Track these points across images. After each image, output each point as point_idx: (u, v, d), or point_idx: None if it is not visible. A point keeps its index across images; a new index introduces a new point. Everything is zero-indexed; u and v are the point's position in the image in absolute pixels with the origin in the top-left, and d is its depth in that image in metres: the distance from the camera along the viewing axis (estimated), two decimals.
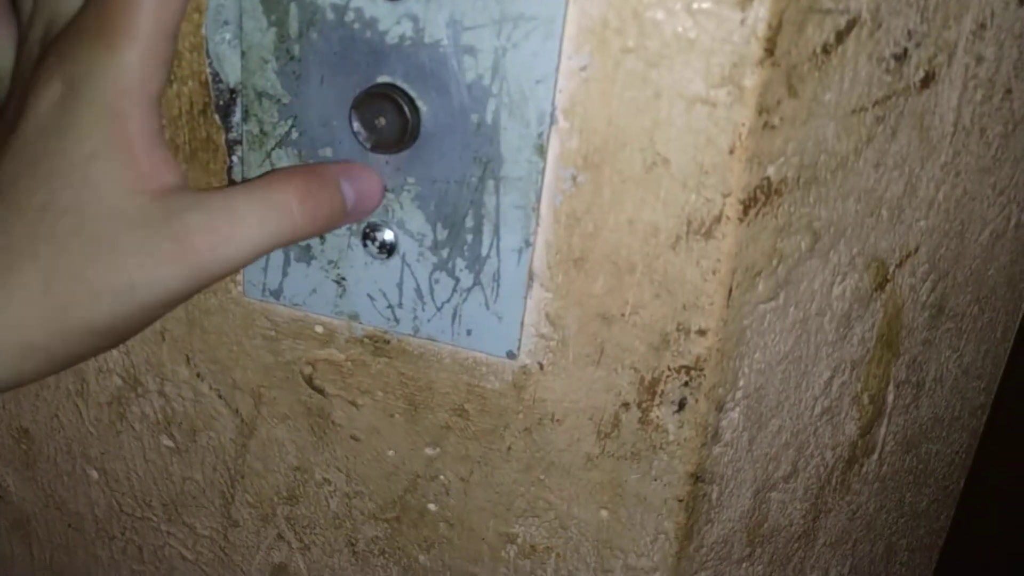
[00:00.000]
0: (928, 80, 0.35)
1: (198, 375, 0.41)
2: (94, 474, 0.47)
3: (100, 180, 0.27)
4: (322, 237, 0.34)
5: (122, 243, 0.27)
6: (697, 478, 0.35)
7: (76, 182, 0.27)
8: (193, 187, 0.29)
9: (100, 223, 0.27)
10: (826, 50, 0.29)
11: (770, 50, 0.27)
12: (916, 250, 0.40)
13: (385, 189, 0.32)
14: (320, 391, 0.39)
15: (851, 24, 0.30)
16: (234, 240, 0.28)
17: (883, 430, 0.47)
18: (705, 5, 0.27)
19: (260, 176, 0.30)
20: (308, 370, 0.38)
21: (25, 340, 0.27)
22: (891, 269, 0.40)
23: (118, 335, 0.29)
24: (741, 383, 0.35)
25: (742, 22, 0.27)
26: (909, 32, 0.32)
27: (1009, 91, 0.40)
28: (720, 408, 0.34)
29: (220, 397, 0.41)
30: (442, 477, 0.39)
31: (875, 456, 0.47)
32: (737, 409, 0.35)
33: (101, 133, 0.27)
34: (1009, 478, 0.70)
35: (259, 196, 0.28)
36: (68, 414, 0.45)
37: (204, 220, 0.27)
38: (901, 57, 0.33)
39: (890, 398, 0.45)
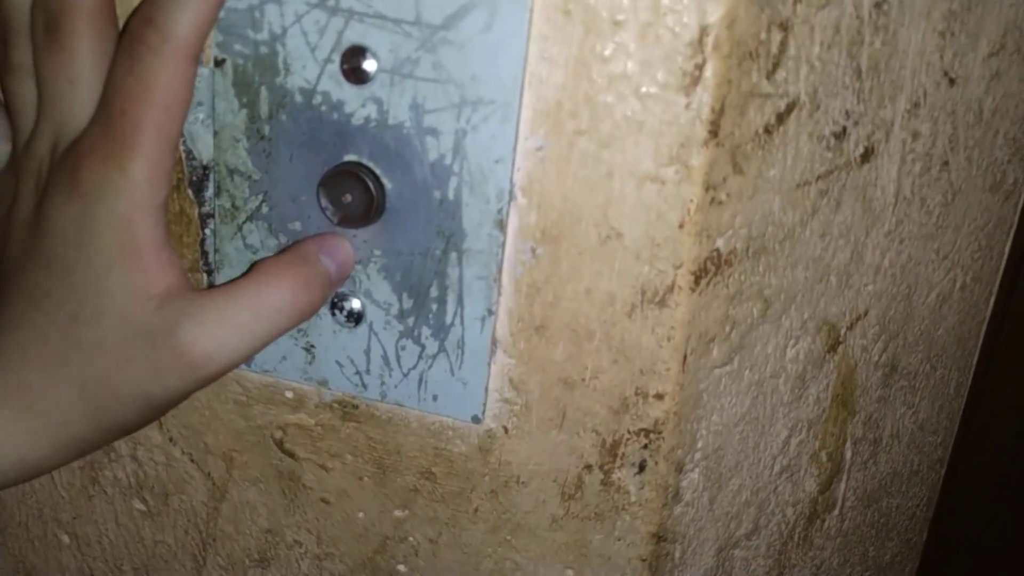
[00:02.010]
0: (868, 155, 0.37)
1: (171, 439, 0.41)
2: (65, 539, 0.47)
3: (115, 290, 0.29)
4: None
5: (133, 355, 0.30)
6: (659, 538, 0.36)
7: (96, 293, 0.30)
8: (190, 286, 0.31)
9: (115, 334, 0.30)
10: (768, 130, 0.31)
11: (714, 132, 0.29)
12: (866, 313, 0.42)
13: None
14: (291, 455, 0.39)
15: (790, 106, 0.32)
16: (228, 347, 0.30)
17: (843, 486, 0.48)
18: (652, 90, 0.29)
19: (250, 273, 0.31)
20: (279, 434, 0.39)
21: (68, 438, 0.31)
22: (842, 332, 0.41)
23: (145, 425, 0.32)
24: (700, 444, 0.36)
25: (687, 106, 0.29)
26: (847, 112, 0.34)
27: (946, 163, 0.42)
28: (680, 469, 0.35)
29: (192, 461, 0.42)
30: (411, 539, 0.39)
31: (836, 511, 0.49)
32: (697, 470, 0.36)
33: (116, 244, 0.29)
34: (971, 529, 0.71)
35: (250, 299, 0.30)
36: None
37: (200, 333, 0.30)
38: (840, 135, 0.35)
39: (848, 455, 0.47)
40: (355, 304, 0.35)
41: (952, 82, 0.40)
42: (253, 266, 0.32)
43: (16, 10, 0.31)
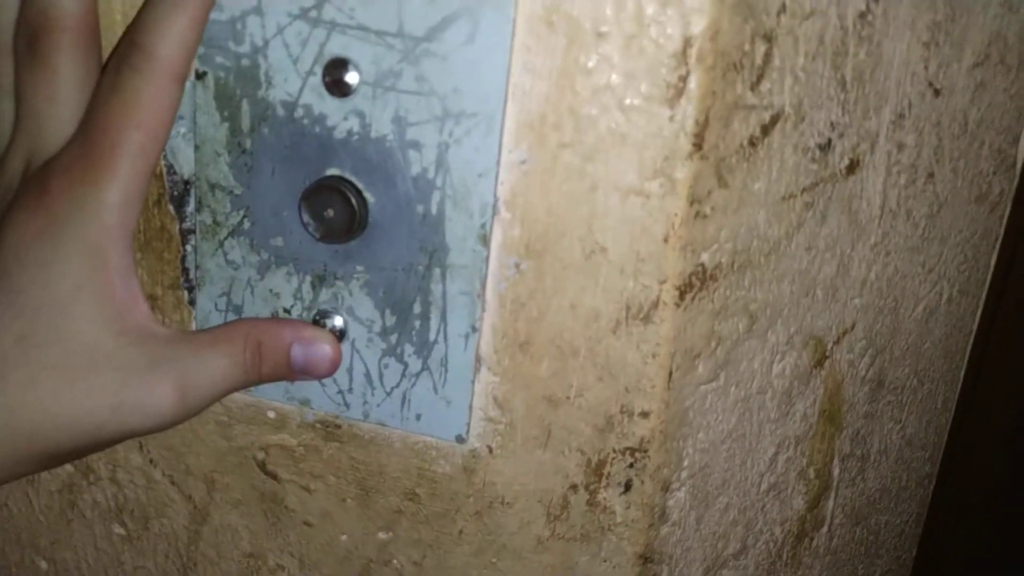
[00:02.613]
0: (853, 167, 0.37)
1: (151, 461, 0.41)
2: (43, 564, 0.46)
3: (81, 316, 0.29)
4: None
5: (98, 382, 0.29)
6: (646, 559, 0.36)
7: (58, 316, 0.28)
8: (155, 320, 0.31)
9: (78, 358, 0.29)
10: (753, 143, 0.31)
11: (699, 144, 0.29)
12: (852, 327, 0.42)
13: (340, 359, 0.34)
14: (273, 476, 0.39)
15: (775, 118, 0.31)
16: (199, 393, 0.30)
17: (831, 503, 0.47)
18: (636, 102, 0.29)
19: (224, 327, 0.32)
20: (261, 455, 0.39)
21: (19, 433, 0.29)
22: (829, 346, 0.41)
23: (73, 458, 0.31)
24: (686, 463, 0.35)
25: (671, 118, 0.28)
26: (832, 123, 0.34)
27: (932, 175, 0.42)
28: (666, 488, 0.35)
29: (173, 483, 0.41)
30: (395, 561, 0.39)
31: (825, 529, 0.48)
32: (683, 489, 0.36)
33: (83, 270, 0.29)
34: (961, 545, 0.71)
35: (224, 351, 0.31)
36: (18, 503, 0.45)
37: (176, 374, 0.30)
38: (825, 147, 0.34)
39: (836, 471, 0.46)
40: (337, 321, 0.34)
41: (937, 93, 0.40)
42: (230, 325, 0.32)
43: None
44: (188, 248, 0.35)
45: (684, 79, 0.28)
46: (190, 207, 0.35)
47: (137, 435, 0.30)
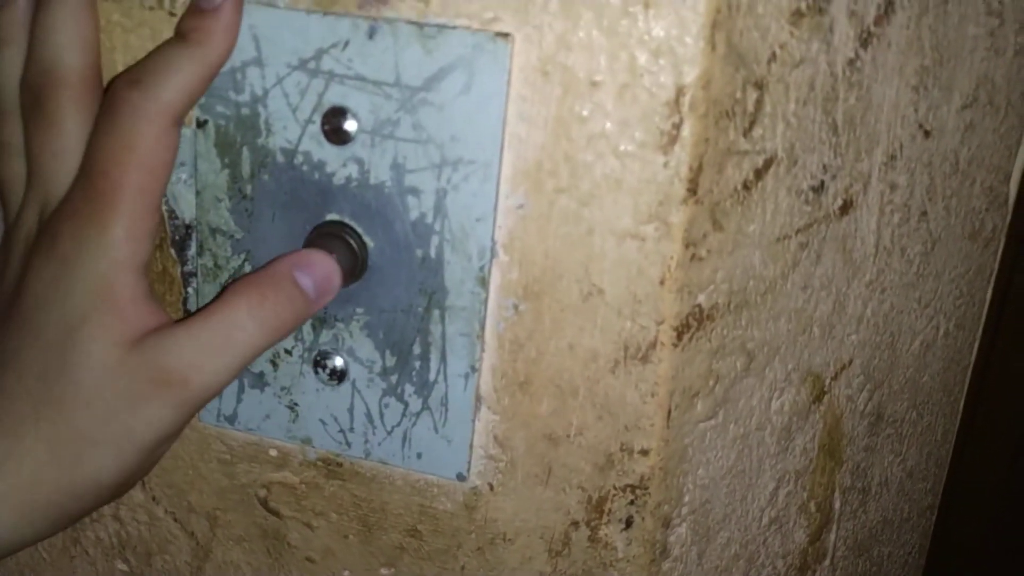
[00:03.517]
0: (847, 207, 0.37)
1: (154, 499, 0.41)
2: None
3: (87, 339, 0.29)
4: (275, 364, 0.35)
5: (111, 394, 0.29)
6: None
7: (68, 346, 0.29)
8: (171, 324, 0.30)
9: (90, 379, 0.29)
10: (746, 186, 0.31)
11: (693, 189, 0.29)
12: (850, 363, 0.42)
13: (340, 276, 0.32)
14: (275, 513, 0.39)
15: (768, 163, 0.32)
16: (204, 367, 0.29)
17: (833, 536, 0.48)
18: (631, 149, 0.29)
19: (221, 293, 0.31)
20: (263, 493, 0.39)
21: (38, 501, 0.29)
22: (827, 382, 0.41)
23: (124, 483, 0.31)
24: (686, 499, 0.36)
25: (665, 164, 0.29)
26: (824, 166, 0.35)
27: (925, 213, 0.42)
28: (667, 524, 0.35)
29: (175, 520, 0.41)
30: None
31: (827, 562, 0.48)
32: (684, 524, 0.36)
33: (92, 300, 0.29)
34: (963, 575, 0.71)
35: (218, 317, 0.29)
36: None
37: (174, 356, 0.29)
38: (819, 189, 0.35)
39: (837, 504, 0.46)
40: (338, 362, 0.35)
41: (927, 134, 0.40)
42: (227, 287, 0.31)
43: (2, 89, 0.31)
44: (190, 291, 0.36)
45: (678, 126, 0.28)
46: (191, 251, 0.35)
47: (171, 422, 0.29)
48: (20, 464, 0.29)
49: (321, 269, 0.31)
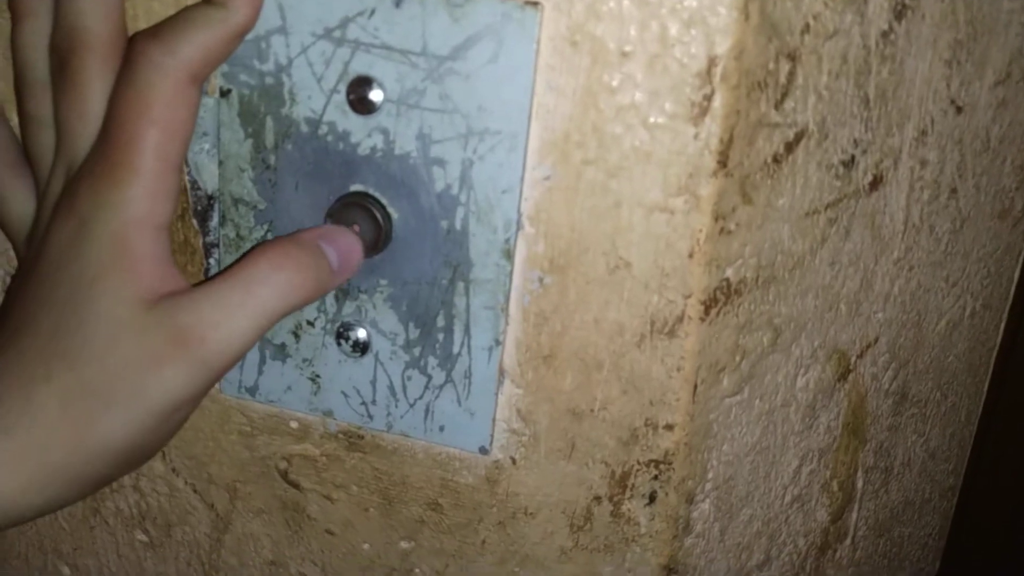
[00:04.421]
0: (876, 183, 0.37)
1: (173, 470, 0.41)
2: (66, 570, 0.46)
3: (102, 295, 0.28)
4: (297, 336, 0.35)
5: (125, 352, 0.28)
6: (670, 570, 0.36)
7: (81, 301, 0.28)
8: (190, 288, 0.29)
9: (103, 335, 0.28)
10: (777, 160, 0.31)
11: (723, 162, 0.29)
12: (876, 341, 0.42)
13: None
14: (295, 485, 0.39)
15: (799, 136, 0.31)
16: (222, 326, 0.28)
17: (854, 515, 0.47)
18: (660, 120, 0.29)
19: (244, 256, 0.30)
20: (283, 465, 0.39)
21: (49, 462, 0.28)
22: (852, 360, 0.41)
23: (138, 450, 0.29)
24: (710, 475, 0.35)
25: (695, 136, 0.29)
26: (855, 140, 0.34)
27: (954, 190, 0.42)
28: (690, 500, 0.35)
29: (195, 492, 0.41)
30: (417, 571, 0.39)
31: (848, 541, 0.48)
32: (707, 500, 0.36)
33: (107, 256, 0.28)
34: (984, 558, 0.71)
35: (239, 276, 0.29)
36: None
37: (192, 314, 0.28)
38: (849, 164, 0.34)
39: (859, 484, 0.46)
40: (361, 334, 0.34)
41: (959, 110, 0.39)
42: (249, 250, 0.30)
43: (28, 63, 0.31)
44: (211, 261, 0.36)
45: (709, 98, 0.28)
46: (214, 221, 0.35)
47: (188, 385, 0.28)
48: (31, 424, 0.28)
49: (345, 243, 0.31)
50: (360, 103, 0.31)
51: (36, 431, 0.28)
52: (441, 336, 0.34)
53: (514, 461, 0.35)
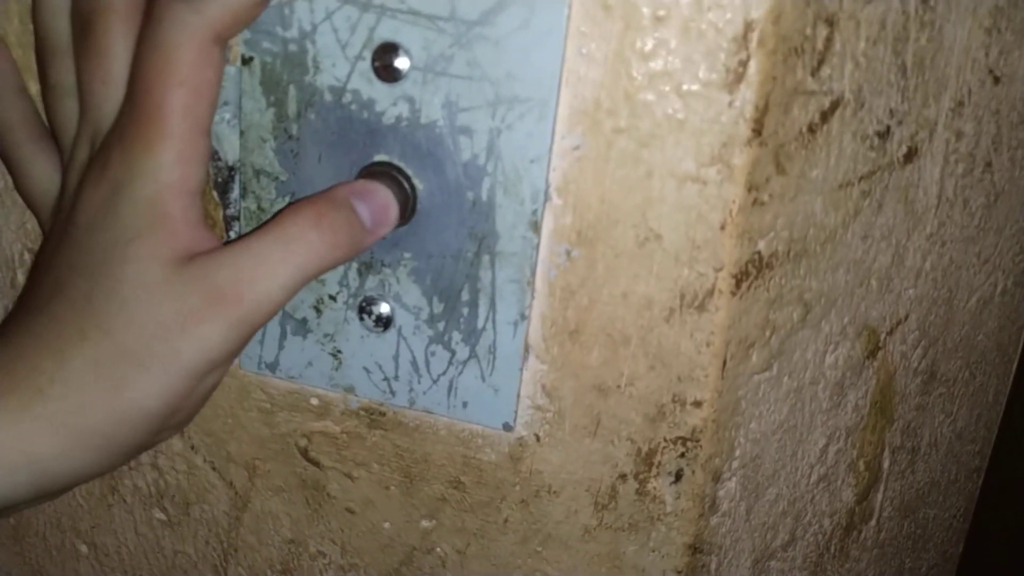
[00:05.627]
0: (911, 155, 0.36)
1: (192, 447, 0.41)
2: (83, 548, 0.46)
3: (136, 259, 0.28)
4: (318, 311, 0.35)
5: (160, 312, 0.28)
6: (695, 549, 0.35)
7: (116, 264, 0.28)
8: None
9: (138, 297, 0.28)
10: (812, 129, 0.30)
11: (758, 130, 0.28)
12: (906, 318, 0.41)
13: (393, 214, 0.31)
14: (315, 463, 0.39)
15: (835, 104, 0.31)
16: (259, 282, 0.28)
17: (880, 496, 0.47)
18: (694, 88, 0.28)
19: (277, 213, 0.30)
20: (303, 442, 0.38)
21: (84, 425, 0.28)
22: (882, 337, 0.40)
23: (171, 415, 0.29)
24: (737, 453, 0.35)
25: (730, 104, 0.28)
26: (891, 111, 0.33)
27: (989, 164, 0.41)
28: (717, 479, 0.34)
29: (214, 469, 0.41)
30: (438, 550, 0.38)
31: (873, 522, 0.47)
32: (734, 479, 0.35)
33: (143, 221, 0.28)
34: (1007, 541, 0.70)
35: (275, 233, 0.28)
36: None
37: (228, 270, 0.28)
38: (884, 134, 0.34)
39: (886, 464, 0.46)
40: (384, 308, 0.34)
41: (997, 80, 0.38)
42: (281, 209, 0.30)
43: (50, 30, 0.31)
44: (232, 234, 0.35)
45: (744, 64, 0.27)
46: (234, 193, 0.34)
47: (223, 343, 0.28)
48: (66, 387, 0.28)
49: (379, 199, 0.30)
50: (385, 70, 0.30)
51: (70, 395, 0.28)
52: (465, 310, 0.33)
53: (538, 438, 0.35)
